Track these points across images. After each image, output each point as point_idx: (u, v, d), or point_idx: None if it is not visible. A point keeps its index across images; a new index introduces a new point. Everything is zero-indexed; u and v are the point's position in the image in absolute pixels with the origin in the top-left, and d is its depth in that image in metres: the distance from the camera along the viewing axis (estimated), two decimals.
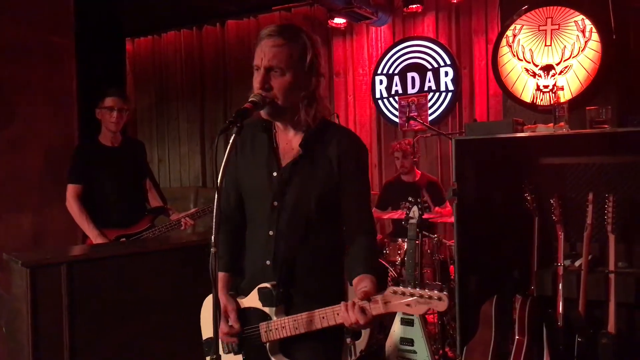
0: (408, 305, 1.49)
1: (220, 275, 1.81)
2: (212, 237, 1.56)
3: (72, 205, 3.24)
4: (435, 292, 1.46)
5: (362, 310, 1.53)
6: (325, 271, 1.74)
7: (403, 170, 4.60)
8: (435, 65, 5.41)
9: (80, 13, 3.71)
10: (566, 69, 3.32)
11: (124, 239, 3.30)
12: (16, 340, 2.59)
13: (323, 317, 1.63)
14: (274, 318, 1.71)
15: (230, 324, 1.76)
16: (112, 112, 3.27)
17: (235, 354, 1.81)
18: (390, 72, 5.65)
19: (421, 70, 5.48)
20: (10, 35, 3.32)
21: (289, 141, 1.76)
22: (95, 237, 3.20)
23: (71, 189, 3.24)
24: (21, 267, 2.46)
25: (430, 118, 5.41)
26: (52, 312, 2.50)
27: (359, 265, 1.68)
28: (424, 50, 5.47)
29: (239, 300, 1.80)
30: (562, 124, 2.94)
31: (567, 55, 3.34)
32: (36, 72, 3.43)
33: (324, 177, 1.71)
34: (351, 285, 1.69)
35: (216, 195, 1.59)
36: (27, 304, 2.45)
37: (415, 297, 1.48)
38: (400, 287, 1.51)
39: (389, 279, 3.96)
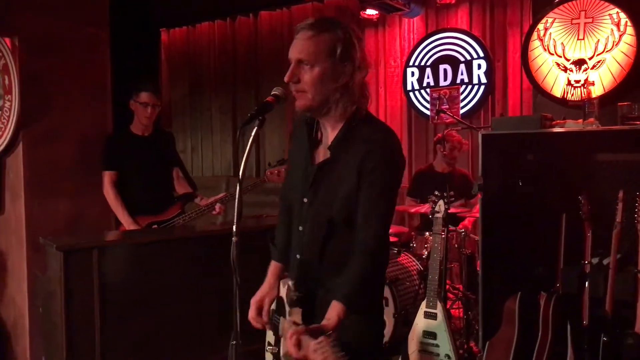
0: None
1: (273, 264, 1.87)
2: (234, 227, 1.61)
3: (109, 192, 3.36)
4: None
5: (298, 343, 1.48)
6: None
7: (450, 160, 4.53)
8: (468, 57, 5.34)
9: (115, 4, 3.79)
10: (599, 64, 3.25)
11: (155, 226, 3.40)
12: (51, 320, 2.71)
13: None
14: (288, 317, 1.74)
15: (261, 313, 1.81)
16: (147, 108, 3.41)
17: (273, 334, 1.86)
18: (422, 64, 5.61)
19: (454, 62, 5.42)
20: (48, 27, 3.42)
21: (327, 137, 1.74)
22: (128, 224, 3.31)
23: (107, 176, 3.37)
24: (55, 251, 2.58)
25: (462, 111, 5.35)
26: (84, 295, 2.61)
27: (338, 289, 1.60)
28: (456, 42, 5.40)
29: (281, 286, 1.82)
30: (591, 119, 2.87)
31: (600, 50, 3.26)
32: (72, 63, 3.53)
33: (347, 180, 1.65)
34: None
35: (238, 186, 1.64)
36: (61, 286, 2.57)
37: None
38: (323, 344, 1.42)
39: (414, 273, 3.96)
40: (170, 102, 7.16)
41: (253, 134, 1.66)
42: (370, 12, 5.48)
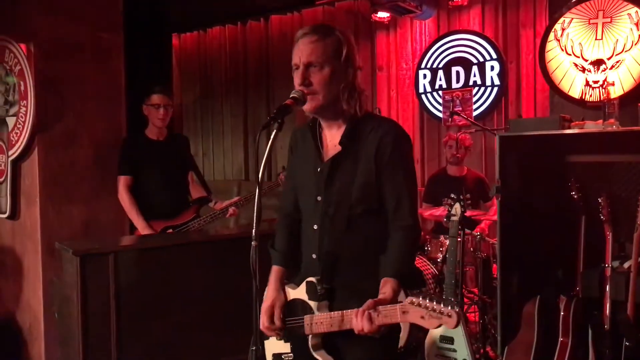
0: (422, 317, 1.51)
1: (275, 269, 1.87)
2: (253, 231, 1.60)
3: (124, 196, 3.35)
4: (448, 308, 1.47)
5: (370, 318, 1.56)
6: (369, 266, 1.73)
7: (454, 159, 4.51)
8: (481, 59, 5.30)
9: (128, 9, 3.81)
10: (618, 64, 3.21)
11: (170, 230, 3.39)
12: (67, 325, 2.71)
13: (342, 320, 1.66)
14: (317, 312, 1.74)
15: (274, 320, 1.80)
16: (159, 109, 3.40)
17: (285, 341, 1.85)
18: (435, 66, 5.57)
19: (466, 64, 5.38)
20: (63, 32, 3.44)
21: (333, 137, 1.80)
22: (143, 228, 3.30)
23: (122, 180, 3.37)
24: (72, 256, 2.57)
25: (475, 113, 5.31)
26: (100, 299, 2.61)
27: (387, 266, 1.68)
28: (469, 44, 5.36)
29: (288, 289, 1.84)
30: (612, 120, 2.83)
31: (619, 49, 3.22)
32: (87, 68, 3.54)
33: (363, 172, 1.72)
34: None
35: (257, 189, 1.64)
36: (77, 290, 2.56)
37: (428, 310, 1.49)
38: (419, 298, 1.52)
39: (429, 277, 3.92)
40: (181, 106, 7.17)
41: (272, 136, 1.66)
42: (382, 14, 5.45)
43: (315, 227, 1.77)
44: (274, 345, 1.88)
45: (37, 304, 3.41)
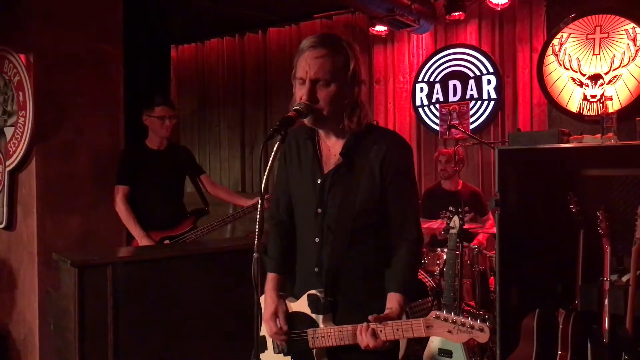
0: (449, 331, 1.50)
1: (271, 276, 1.85)
2: (255, 243, 1.59)
3: (120, 207, 3.33)
4: (478, 322, 1.47)
5: (373, 334, 1.57)
6: (372, 279, 1.73)
7: (443, 174, 4.55)
8: (478, 73, 5.34)
9: (128, 21, 3.82)
10: (615, 79, 3.24)
11: (167, 241, 3.37)
12: (63, 337, 2.68)
13: (355, 333, 1.64)
14: (321, 326, 1.72)
15: (279, 325, 1.78)
16: (164, 121, 3.41)
17: (285, 355, 1.83)
18: (432, 79, 5.61)
19: (463, 78, 5.42)
20: (63, 43, 3.44)
21: (332, 148, 1.78)
22: (140, 238, 3.28)
23: (119, 190, 3.35)
24: (70, 267, 2.55)
25: (471, 126, 5.34)
26: (98, 311, 2.58)
27: (393, 280, 1.69)
28: (466, 58, 5.40)
29: (289, 303, 1.82)
30: (610, 134, 2.86)
31: (616, 65, 3.26)
32: (86, 79, 3.54)
33: (366, 184, 1.71)
34: None
35: (260, 201, 1.63)
36: (75, 302, 2.53)
37: (457, 325, 1.49)
38: (444, 313, 1.52)
39: (427, 289, 3.91)
40: (178, 117, 7.16)
41: (275, 148, 1.65)
42: (380, 28, 5.49)
43: (317, 240, 1.75)
44: (272, 358, 1.86)
45: (32, 315, 3.38)
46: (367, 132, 1.75)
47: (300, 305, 1.78)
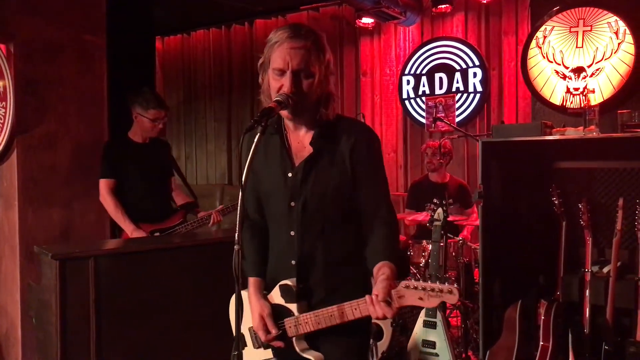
0: (420, 298, 1.52)
1: (253, 280, 1.83)
2: (236, 235, 1.58)
3: (107, 200, 3.30)
4: (446, 285, 1.49)
5: (388, 303, 1.55)
6: (348, 266, 1.75)
7: (429, 167, 4.57)
8: (464, 65, 5.35)
9: (111, 11, 3.77)
10: (598, 72, 3.26)
11: (157, 233, 3.36)
12: (45, 330, 2.66)
13: (342, 313, 1.65)
14: (296, 313, 1.73)
15: (270, 329, 1.75)
16: (157, 123, 3.39)
17: (265, 348, 1.83)
18: (418, 72, 5.61)
19: (449, 70, 5.44)
20: (45, 34, 3.39)
21: (300, 140, 1.77)
22: (131, 231, 3.26)
23: (104, 184, 3.32)
24: (51, 260, 2.52)
25: (457, 119, 5.36)
26: (79, 304, 2.55)
27: (377, 254, 1.69)
28: (452, 51, 5.42)
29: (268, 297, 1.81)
30: (592, 127, 2.88)
31: (599, 57, 3.27)
32: (68, 70, 3.49)
33: (338, 173, 1.72)
34: (372, 275, 1.69)
35: (240, 193, 1.62)
36: (56, 295, 2.51)
37: (427, 291, 1.50)
38: (412, 281, 1.53)
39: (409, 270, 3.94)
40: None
41: (256, 140, 1.64)
42: (366, 20, 5.48)
43: (292, 233, 1.74)
44: (253, 354, 1.85)
45: (14, 309, 3.35)
46: (336, 122, 1.77)
47: (273, 297, 1.78)
